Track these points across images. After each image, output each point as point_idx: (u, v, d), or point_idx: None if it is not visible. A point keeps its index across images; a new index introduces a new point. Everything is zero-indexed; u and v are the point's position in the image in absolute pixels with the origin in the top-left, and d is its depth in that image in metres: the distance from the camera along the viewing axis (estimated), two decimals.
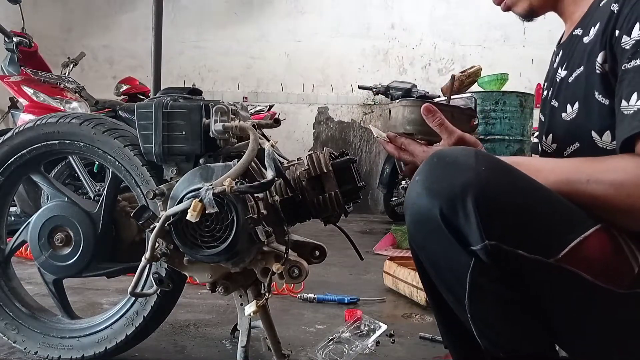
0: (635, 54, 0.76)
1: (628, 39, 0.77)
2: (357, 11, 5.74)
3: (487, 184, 0.71)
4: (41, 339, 1.33)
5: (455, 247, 0.73)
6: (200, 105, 1.14)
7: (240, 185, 1.00)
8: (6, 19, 3.52)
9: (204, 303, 1.91)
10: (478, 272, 0.74)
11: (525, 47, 5.36)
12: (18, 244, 1.40)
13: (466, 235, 0.71)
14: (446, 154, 0.76)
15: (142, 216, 1.04)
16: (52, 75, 3.44)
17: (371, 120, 5.74)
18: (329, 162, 1.13)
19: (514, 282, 0.75)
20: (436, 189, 0.73)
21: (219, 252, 1.02)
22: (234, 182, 0.96)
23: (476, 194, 0.69)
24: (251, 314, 1.07)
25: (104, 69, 5.77)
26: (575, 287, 0.75)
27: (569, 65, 0.91)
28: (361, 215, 5.31)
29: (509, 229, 0.72)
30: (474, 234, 0.70)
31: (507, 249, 0.71)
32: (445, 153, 0.76)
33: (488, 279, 0.75)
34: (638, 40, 0.76)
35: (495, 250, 0.71)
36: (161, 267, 1.20)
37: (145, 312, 1.26)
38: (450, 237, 0.73)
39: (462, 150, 0.76)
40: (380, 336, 1.49)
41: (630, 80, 0.76)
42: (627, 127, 0.75)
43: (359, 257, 1.25)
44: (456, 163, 0.73)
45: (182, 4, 5.73)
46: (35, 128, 1.30)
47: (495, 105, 3.99)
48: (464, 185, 0.70)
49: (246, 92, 5.75)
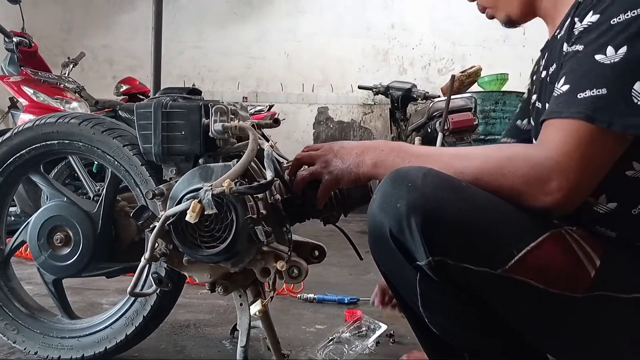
0: (579, 39, 0.77)
1: (579, 24, 0.78)
2: (357, 11, 5.74)
3: (431, 202, 0.74)
4: (41, 339, 1.33)
5: (404, 262, 0.77)
6: (199, 105, 1.14)
7: (240, 185, 0.99)
8: (6, 19, 3.52)
9: (203, 303, 1.91)
10: (425, 284, 0.78)
11: (525, 47, 5.36)
12: (17, 244, 1.40)
13: (412, 252, 0.75)
14: (399, 174, 0.79)
15: (141, 216, 1.04)
16: (52, 75, 3.44)
17: (371, 120, 5.73)
18: None
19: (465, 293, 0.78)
20: (386, 208, 0.77)
21: (219, 252, 1.02)
22: (233, 182, 0.96)
23: (420, 214, 0.73)
24: (257, 313, 1.07)
25: (104, 69, 5.77)
26: (527, 296, 0.76)
27: (546, 65, 0.92)
28: (361, 215, 5.29)
29: (454, 244, 0.74)
30: (419, 250, 0.74)
31: (453, 264, 0.74)
32: (399, 172, 0.80)
33: (437, 290, 0.78)
34: (586, 27, 0.76)
35: (440, 265, 0.74)
36: (160, 267, 1.20)
37: (145, 311, 1.26)
38: (399, 254, 0.77)
39: (414, 170, 0.79)
40: (380, 336, 1.49)
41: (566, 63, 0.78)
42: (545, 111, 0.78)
43: (358, 257, 1.25)
44: (404, 183, 0.76)
45: (182, 4, 5.73)
46: (34, 128, 1.29)
47: (495, 105, 3.99)
48: (409, 205, 0.74)
49: (246, 92, 5.75)
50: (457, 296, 0.79)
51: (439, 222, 0.74)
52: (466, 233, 0.75)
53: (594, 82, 0.73)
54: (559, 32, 0.88)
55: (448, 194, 0.76)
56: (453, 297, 0.79)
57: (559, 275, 0.75)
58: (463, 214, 0.75)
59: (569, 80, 0.76)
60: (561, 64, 0.81)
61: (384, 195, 0.78)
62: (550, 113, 0.77)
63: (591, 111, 0.72)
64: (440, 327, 0.84)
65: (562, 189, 0.73)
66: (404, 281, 0.83)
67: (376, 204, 0.79)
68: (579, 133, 0.73)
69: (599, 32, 0.74)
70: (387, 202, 0.77)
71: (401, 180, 0.77)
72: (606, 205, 0.81)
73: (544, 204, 0.75)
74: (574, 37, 0.78)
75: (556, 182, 0.73)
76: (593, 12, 0.76)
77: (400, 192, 0.75)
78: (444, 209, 0.74)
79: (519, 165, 0.76)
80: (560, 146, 0.73)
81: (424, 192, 0.74)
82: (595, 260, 0.77)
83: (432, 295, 0.79)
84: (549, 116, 0.77)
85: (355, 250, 1.25)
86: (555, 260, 0.76)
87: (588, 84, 0.73)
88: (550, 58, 0.90)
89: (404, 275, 0.81)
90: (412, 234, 0.74)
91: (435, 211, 0.74)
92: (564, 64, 0.79)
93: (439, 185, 0.76)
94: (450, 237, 0.74)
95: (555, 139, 0.74)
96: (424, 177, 0.76)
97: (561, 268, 0.76)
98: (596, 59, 0.73)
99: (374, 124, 5.74)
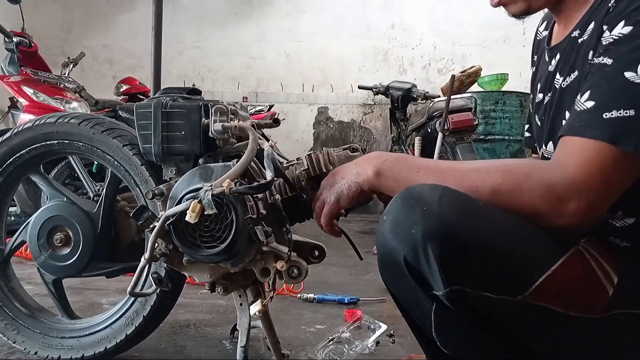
0: (607, 51, 0.73)
1: (608, 34, 0.74)
2: (357, 11, 5.73)
3: (449, 230, 0.69)
4: (41, 339, 1.33)
5: (418, 290, 0.74)
6: (199, 105, 1.14)
7: (240, 185, 0.99)
8: (6, 19, 3.52)
9: (203, 303, 1.91)
10: (440, 314, 0.75)
11: (525, 47, 5.33)
12: (17, 244, 1.40)
13: (429, 281, 0.72)
14: (411, 195, 0.74)
15: (141, 216, 1.04)
16: (52, 75, 3.44)
17: (371, 120, 5.73)
18: (328, 162, 1.13)
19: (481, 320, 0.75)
20: (400, 234, 0.73)
21: (218, 252, 1.01)
22: (233, 183, 0.96)
23: (438, 242, 0.69)
24: (257, 313, 1.07)
25: (104, 69, 5.77)
26: (547, 320, 0.74)
27: (564, 69, 0.87)
28: (361, 215, 5.30)
29: (473, 273, 0.71)
30: (437, 280, 0.70)
31: (472, 292, 0.71)
32: (411, 192, 0.75)
33: (452, 319, 0.75)
34: (616, 39, 0.72)
35: (458, 294, 0.71)
36: (160, 267, 1.20)
37: (145, 311, 1.26)
38: (412, 282, 0.74)
39: (428, 190, 0.73)
40: (380, 336, 1.49)
41: (591, 76, 0.74)
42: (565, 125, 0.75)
43: (358, 257, 1.25)
44: (419, 205, 0.72)
45: (182, 4, 5.73)
46: (34, 128, 1.29)
47: (495, 105, 3.99)
48: (425, 234, 0.69)
49: (246, 92, 5.75)
50: (472, 323, 0.76)
51: (458, 251, 0.70)
52: (485, 261, 0.71)
53: (621, 102, 0.69)
54: (579, 35, 0.83)
55: (466, 219, 0.71)
56: (469, 324, 0.76)
57: (577, 297, 0.73)
58: (482, 241, 0.71)
59: (594, 96, 0.72)
60: (586, 75, 0.76)
61: (397, 218, 0.74)
62: (571, 130, 0.73)
63: (616, 134, 0.68)
64: (453, 351, 0.81)
65: (580, 210, 0.71)
66: (417, 307, 0.80)
67: (388, 228, 0.75)
68: (602, 156, 0.69)
69: (631, 47, 0.70)
70: (400, 227, 0.73)
71: (415, 201, 0.72)
72: (623, 220, 0.79)
73: (561, 223, 0.73)
74: (602, 48, 0.73)
75: (575, 204, 0.70)
76: (625, 23, 0.71)
77: (415, 217, 0.71)
78: (462, 236, 0.70)
79: (537, 184, 0.72)
80: (581, 168, 0.70)
81: (441, 217, 0.70)
82: (613, 278, 0.75)
83: (447, 323, 0.76)
84: (569, 133, 0.73)
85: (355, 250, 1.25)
86: (574, 282, 0.73)
87: (615, 103, 0.69)
88: (568, 62, 0.85)
89: (417, 301, 0.78)
90: (429, 263, 0.69)
91: (453, 239, 0.69)
92: (589, 77, 0.75)
93: (457, 209, 0.71)
94: (469, 265, 0.71)
95: (576, 159, 0.71)
96: (440, 199, 0.71)
97: (580, 290, 0.73)
98: (626, 77, 0.69)
99: (374, 124, 5.74)
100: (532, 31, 1.12)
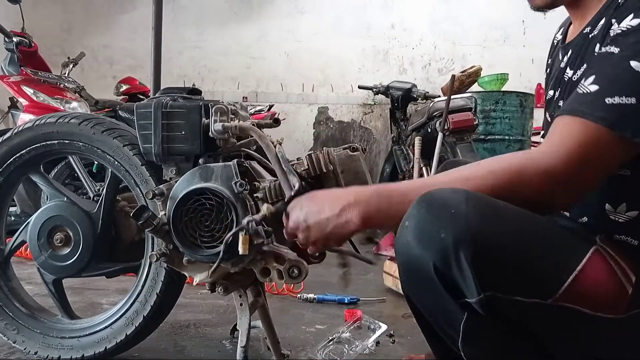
0: (615, 41, 0.74)
1: (617, 26, 0.75)
2: (357, 11, 5.73)
3: (479, 234, 0.68)
4: (41, 339, 1.33)
5: (447, 298, 0.73)
6: (199, 105, 1.14)
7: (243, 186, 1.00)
8: (6, 19, 3.51)
9: (204, 303, 1.91)
10: (472, 322, 0.73)
11: (525, 47, 5.35)
12: (18, 244, 1.40)
13: (462, 288, 0.70)
14: (435, 198, 0.72)
15: (141, 216, 1.04)
16: (52, 75, 3.44)
17: (371, 120, 5.73)
18: (328, 162, 1.13)
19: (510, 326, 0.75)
20: (427, 241, 0.70)
21: (219, 252, 1.02)
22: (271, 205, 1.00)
23: (470, 247, 0.67)
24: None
25: (104, 69, 5.76)
26: (577, 323, 0.74)
27: (574, 64, 0.89)
28: None
29: (504, 278, 0.70)
30: (470, 287, 0.69)
31: (504, 297, 0.70)
32: (435, 196, 0.73)
33: (483, 326, 0.74)
34: (624, 30, 0.74)
35: (491, 300, 0.70)
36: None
37: (145, 311, 1.26)
38: (442, 290, 0.72)
39: (453, 194, 0.72)
40: (380, 336, 1.49)
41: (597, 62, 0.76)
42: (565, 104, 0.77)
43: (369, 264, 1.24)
44: (446, 210, 0.70)
45: (182, 4, 5.73)
46: (34, 128, 1.29)
47: (495, 105, 3.99)
48: (456, 238, 0.67)
49: (246, 92, 5.74)
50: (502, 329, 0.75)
51: (490, 255, 0.68)
52: (516, 263, 0.71)
53: (624, 89, 0.70)
54: (590, 31, 0.84)
55: (493, 221, 0.70)
56: (498, 331, 0.75)
57: (603, 297, 0.73)
58: (510, 243, 0.71)
59: (598, 80, 0.73)
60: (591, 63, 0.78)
61: (422, 224, 0.71)
62: (572, 111, 0.74)
63: (615, 119, 0.70)
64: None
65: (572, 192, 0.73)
66: (444, 315, 0.78)
67: (412, 235, 0.72)
68: (599, 139, 0.71)
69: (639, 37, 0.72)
70: (427, 233, 0.70)
71: (440, 206, 0.70)
72: (626, 214, 0.79)
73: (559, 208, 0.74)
74: (609, 39, 0.75)
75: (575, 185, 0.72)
76: (634, 16, 0.73)
77: (442, 221, 0.69)
78: (493, 239, 0.69)
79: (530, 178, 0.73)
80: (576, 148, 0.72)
81: (471, 221, 0.68)
82: (631, 277, 0.75)
83: (476, 331, 0.75)
84: (569, 113, 0.74)
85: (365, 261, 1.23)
86: (598, 283, 0.74)
87: (618, 89, 0.71)
88: (579, 57, 0.87)
89: (444, 311, 0.76)
90: (462, 269, 0.68)
91: (485, 243, 0.68)
92: (594, 63, 0.76)
93: (484, 212, 0.70)
94: (501, 269, 0.70)
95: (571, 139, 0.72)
96: (466, 202, 0.70)
97: (604, 290, 0.74)
98: (631, 65, 0.71)
99: (374, 124, 5.74)
100: (532, 31, 1.12)
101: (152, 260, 1.11)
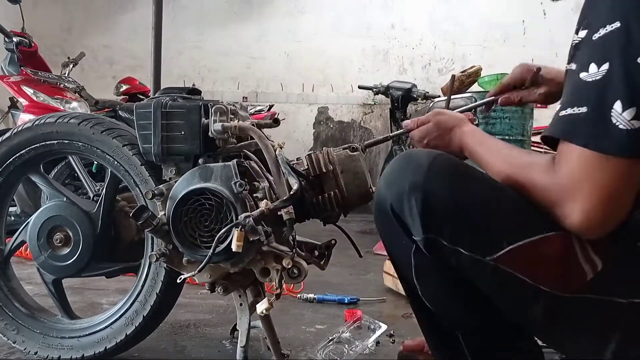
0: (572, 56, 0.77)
1: (576, 36, 0.76)
2: (357, 11, 5.73)
3: (433, 182, 0.79)
4: (41, 339, 1.33)
5: (402, 234, 0.84)
6: (199, 105, 1.14)
7: (242, 187, 1.02)
8: (6, 19, 3.51)
9: (203, 303, 1.91)
10: (419, 257, 0.85)
11: (525, 47, 5.34)
12: (17, 244, 1.40)
13: (410, 226, 0.82)
14: (410, 155, 0.86)
15: (141, 216, 1.04)
16: (52, 75, 3.44)
17: (371, 120, 5.73)
18: (328, 162, 1.13)
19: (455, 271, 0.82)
20: (391, 185, 0.84)
21: (218, 252, 1.02)
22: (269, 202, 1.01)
23: (420, 192, 0.79)
24: (264, 312, 1.06)
25: (104, 69, 5.76)
26: (513, 286, 0.78)
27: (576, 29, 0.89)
28: (361, 215, 5.29)
29: (450, 227, 0.79)
30: (416, 227, 0.80)
31: (445, 244, 0.79)
32: (410, 154, 0.86)
33: (429, 265, 0.85)
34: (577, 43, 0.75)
35: (434, 243, 0.80)
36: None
37: (144, 311, 1.26)
38: (398, 227, 0.84)
39: (425, 154, 0.84)
40: (380, 336, 1.49)
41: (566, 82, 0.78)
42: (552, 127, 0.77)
43: (358, 255, 1.25)
44: (413, 164, 0.82)
45: (182, 4, 5.73)
46: (33, 128, 1.30)
47: (495, 105, 3.99)
48: (412, 184, 0.80)
49: (246, 92, 5.74)
50: (447, 273, 0.84)
51: (439, 203, 0.79)
52: (462, 218, 0.79)
53: (576, 101, 0.72)
54: None
55: (452, 180, 0.81)
56: (443, 273, 0.84)
57: (549, 273, 0.77)
58: (462, 201, 0.79)
59: (562, 98, 0.76)
60: None
61: (392, 173, 0.86)
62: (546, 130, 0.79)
63: (567, 131, 0.72)
64: (431, 300, 0.89)
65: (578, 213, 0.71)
66: (401, 252, 0.89)
67: (383, 180, 0.87)
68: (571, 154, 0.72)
69: (585, 49, 0.74)
70: (393, 180, 0.84)
71: (410, 161, 0.83)
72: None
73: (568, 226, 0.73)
74: (570, 54, 0.78)
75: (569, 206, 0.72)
76: (582, 27, 0.75)
77: (406, 173, 0.82)
78: (444, 192, 0.79)
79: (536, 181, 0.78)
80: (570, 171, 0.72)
81: (428, 175, 0.80)
82: (596, 263, 0.75)
83: (425, 269, 0.86)
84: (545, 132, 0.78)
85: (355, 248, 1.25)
86: (548, 259, 0.77)
87: (572, 101, 0.73)
88: None
89: (401, 246, 0.87)
90: (411, 211, 0.80)
91: (437, 192, 0.79)
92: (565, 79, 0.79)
93: (445, 171, 0.81)
94: (447, 219, 0.79)
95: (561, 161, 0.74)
96: (432, 161, 0.81)
97: (554, 267, 0.77)
98: (581, 77, 0.73)
99: (374, 123, 5.74)
100: (532, 31, 1.12)
101: (152, 260, 1.11)
